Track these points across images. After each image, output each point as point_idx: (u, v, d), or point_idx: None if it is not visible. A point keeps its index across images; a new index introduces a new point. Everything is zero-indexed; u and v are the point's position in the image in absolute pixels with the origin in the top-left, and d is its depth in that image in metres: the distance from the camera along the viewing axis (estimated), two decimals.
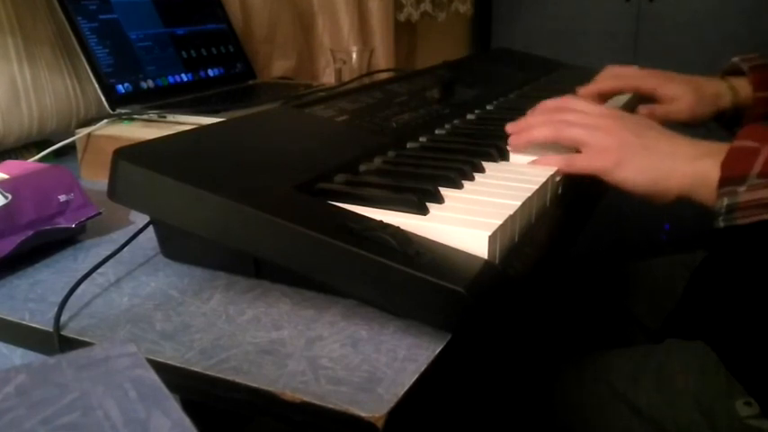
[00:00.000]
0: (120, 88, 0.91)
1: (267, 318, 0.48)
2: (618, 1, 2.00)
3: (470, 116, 0.84)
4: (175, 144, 0.56)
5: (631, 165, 0.60)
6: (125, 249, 0.58)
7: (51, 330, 0.47)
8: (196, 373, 0.42)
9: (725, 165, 0.56)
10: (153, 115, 0.86)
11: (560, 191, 0.64)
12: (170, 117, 0.86)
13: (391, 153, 0.66)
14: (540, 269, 0.53)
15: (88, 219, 0.62)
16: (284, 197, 0.49)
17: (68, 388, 0.28)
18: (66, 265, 0.57)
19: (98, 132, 0.82)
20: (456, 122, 0.80)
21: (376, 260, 0.42)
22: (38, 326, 0.48)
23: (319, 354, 0.43)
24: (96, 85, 0.88)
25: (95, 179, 0.80)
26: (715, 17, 1.90)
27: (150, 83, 0.96)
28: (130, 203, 0.51)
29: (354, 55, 1.16)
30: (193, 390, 0.42)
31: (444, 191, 0.54)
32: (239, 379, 0.41)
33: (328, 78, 1.40)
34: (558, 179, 0.63)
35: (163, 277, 0.55)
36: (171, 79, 1.00)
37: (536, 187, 0.57)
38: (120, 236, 0.63)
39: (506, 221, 0.49)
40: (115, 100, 0.89)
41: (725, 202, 0.55)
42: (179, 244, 0.56)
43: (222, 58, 1.11)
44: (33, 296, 0.52)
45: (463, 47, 2.22)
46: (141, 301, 0.51)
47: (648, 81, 0.88)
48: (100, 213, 0.63)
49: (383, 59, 1.57)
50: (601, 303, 0.96)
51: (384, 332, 0.45)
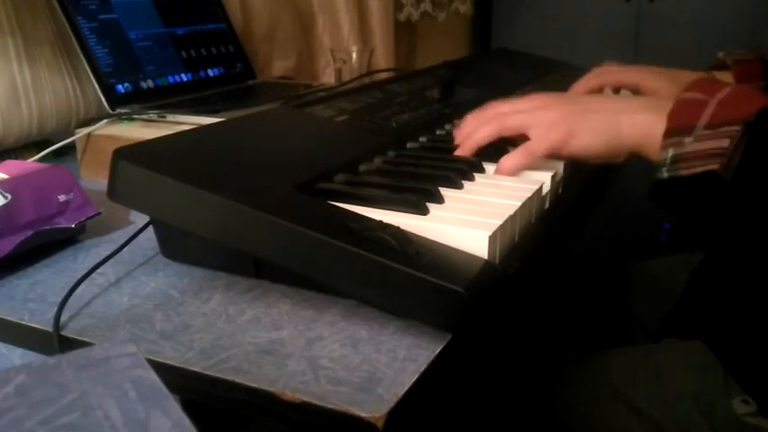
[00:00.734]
0: (119, 88, 0.91)
1: (267, 318, 0.48)
2: (618, 1, 2.00)
3: None
4: (175, 144, 0.56)
5: (583, 130, 0.60)
6: (125, 249, 0.58)
7: (51, 330, 0.47)
8: (196, 374, 0.42)
9: (671, 116, 0.55)
10: (153, 115, 0.86)
11: (560, 191, 0.64)
12: (170, 117, 0.86)
13: (391, 153, 0.66)
14: (541, 269, 0.53)
15: (88, 219, 0.62)
16: (284, 197, 0.49)
17: (68, 388, 0.28)
18: (65, 265, 0.57)
19: (98, 132, 0.82)
20: (456, 122, 0.80)
21: (376, 260, 0.42)
22: (38, 326, 0.48)
23: (319, 354, 0.43)
24: (96, 85, 0.88)
25: (95, 179, 0.80)
26: (715, 17, 1.90)
27: (150, 83, 0.96)
28: (130, 203, 0.51)
29: (354, 55, 1.16)
30: (193, 390, 0.42)
31: (444, 191, 0.54)
32: (239, 379, 0.41)
33: (328, 78, 1.40)
34: (559, 179, 0.63)
35: (163, 277, 0.55)
36: (171, 79, 1.00)
37: (536, 187, 0.57)
38: (119, 236, 0.63)
39: (506, 221, 0.49)
40: (115, 100, 0.89)
41: (670, 153, 0.53)
42: (179, 244, 0.56)
43: (222, 58, 1.11)
44: (33, 296, 0.52)
45: (463, 47, 2.22)
46: (141, 301, 0.51)
47: (630, 75, 0.88)
48: (100, 213, 0.63)
49: (383, 59, 1.57)
50: (601, 303, 0.96)
51: (384, 332, 0.45)
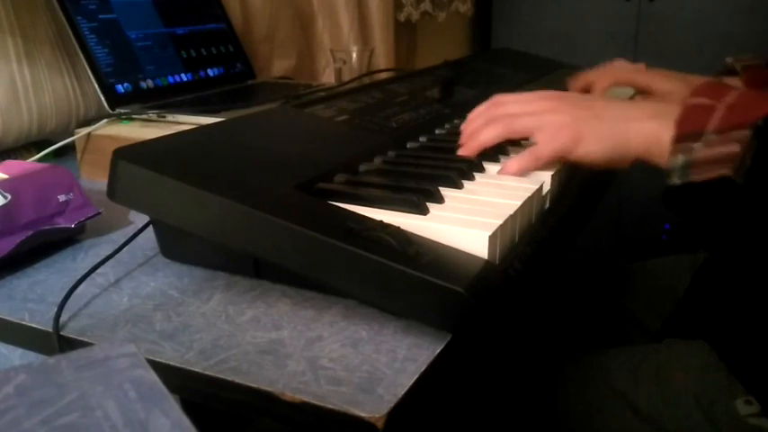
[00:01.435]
0: (119, 88, 0.91)
1: (267, 318, 0.48)
2: (618, 1, 2.00)
3: None
4: (175, 144, 0.56)
5: (590, 136, 0.59)
6: (125, 249, 0.58)
7: (51, 330, 0.47)
8: (196, 374, 0.42)
9: (680, 122, 0.55)
10: (152, 115, 0.86)
11: (560, 191, 0.64)
12: (170, 117, 0.86)
13: (391, 153, 0.66)
14: (540, 269, 0.53)
15: (88, 219, 0.62)
16: (284, 197, 0.49)
17: (68, 388, 0.28)
18: (65, 265, 0.57)
19: (98, 132, 0.82)
20: (456, 122, 0.80)
21: (376, 260, 0.42)
22: (37, 326, 0.48)
23: (319, 354, 0.43)
24: (96, 85, 0.88)
25: (95, 179, 0.80)
26: (715, 17, 1.90)
27: (150, 83, 0.96)
28: (130, 203, 0.51)
29: (354, 55, 1.16)
30: (193, 390, 0.42)
31: (444, 191, 0.54)
32: (239, 379, 0.41)
33: (328, 78, 1.40)
34: (559, 179, 0.63)
35: (162, 277, 0.55)
36: (171, 79, 0.99)
37: (536, 187, 0.57)
38: (119, 236, 0.63)
39: (506, 221, 0.49)
40: (115, 100, 0.89)
41: (680, 159, 0.53)
42: (179, 244, 0.56)
43: (222, 58, 1.11)
44: (33, 296, 0.52)
45: (463, 47, 2.21)
46: (141, 302, 0.51)
47: (643, 76, 0.88)
48: (99, 213, 0.63)
49: (383, 59, 1.56)
50: (601, 303, 0.96)
51: (384, 332, 0.45)
